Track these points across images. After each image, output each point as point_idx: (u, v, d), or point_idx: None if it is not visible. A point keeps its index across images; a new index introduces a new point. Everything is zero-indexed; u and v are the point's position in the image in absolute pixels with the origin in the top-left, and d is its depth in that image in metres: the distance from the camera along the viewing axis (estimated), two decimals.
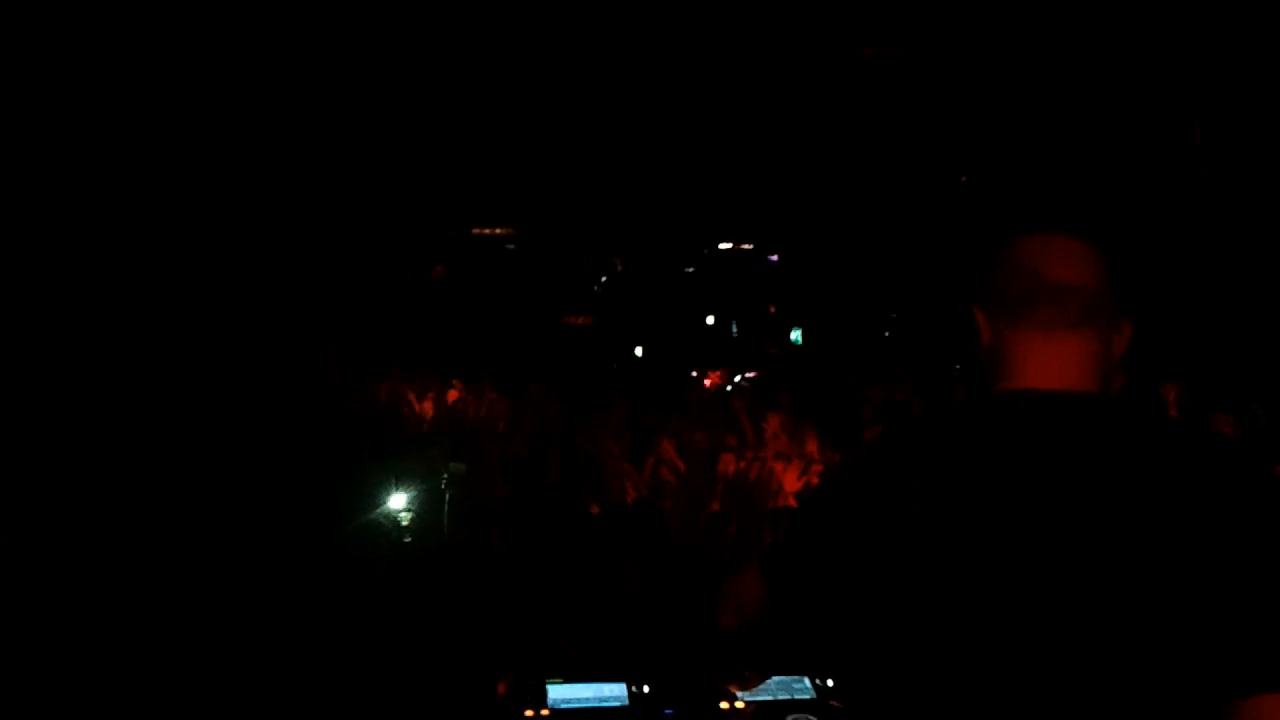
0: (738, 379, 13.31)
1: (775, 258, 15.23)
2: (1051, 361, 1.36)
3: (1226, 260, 5.71)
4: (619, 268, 16.18)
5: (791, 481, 5.74)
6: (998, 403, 1.39)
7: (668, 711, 2.66)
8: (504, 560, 3.79)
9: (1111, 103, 6.20)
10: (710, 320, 16.73)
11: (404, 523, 4.34)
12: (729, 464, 6.15)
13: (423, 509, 4.19)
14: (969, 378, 1.47)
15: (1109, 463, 1.28)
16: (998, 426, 1.35)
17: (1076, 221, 1.53)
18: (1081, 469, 1.28)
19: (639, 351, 16.12)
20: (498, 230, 14.95)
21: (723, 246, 15.42)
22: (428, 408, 9.18)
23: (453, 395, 9.89)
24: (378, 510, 4.29)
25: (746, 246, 15.28)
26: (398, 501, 4.39)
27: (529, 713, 2.57)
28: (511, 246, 15.53)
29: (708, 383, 12.96)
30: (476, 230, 14.43)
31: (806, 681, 2.79)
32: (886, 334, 12.42)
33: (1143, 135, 6.18)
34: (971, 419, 1.39)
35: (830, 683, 2.77)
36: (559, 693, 2.66)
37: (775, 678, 2.74)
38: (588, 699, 2.67)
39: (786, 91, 8.22)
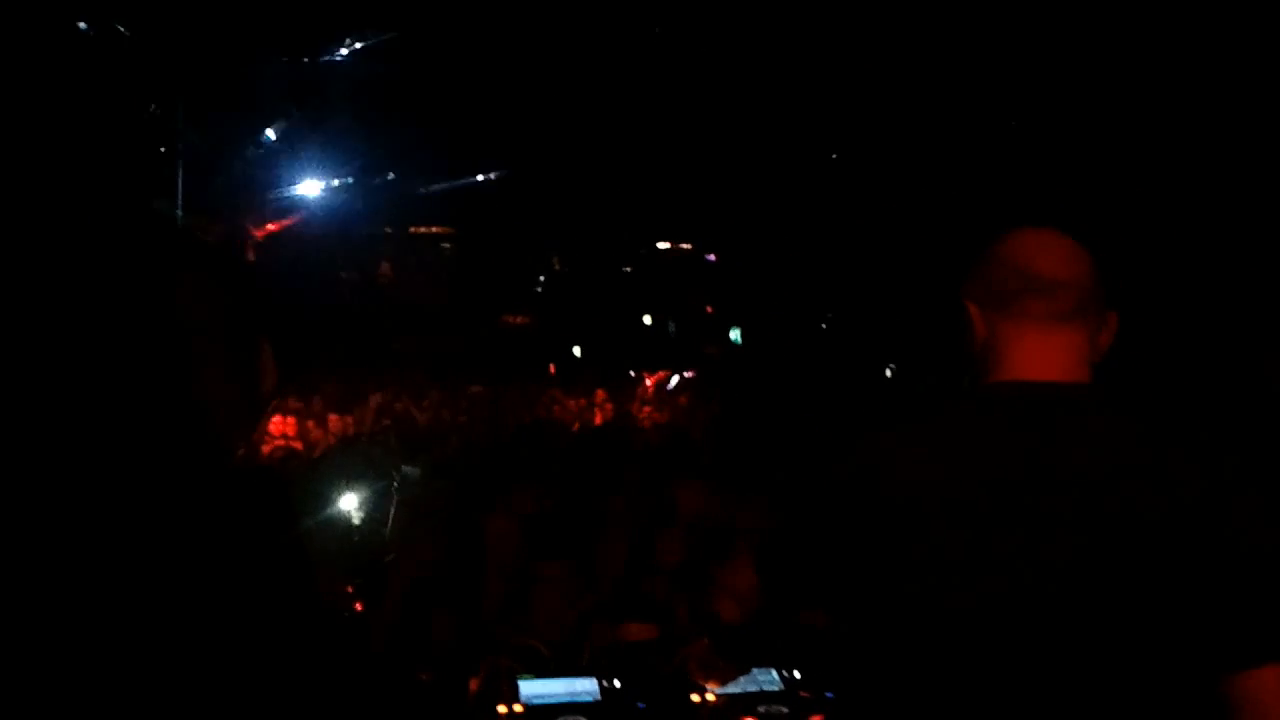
0: (676, 379, 13.41)
1: (714, 257, 15.32)
2: (1044, 353, 1.41)
3: (1205, 254, 5.78)
4: (557, 267, 16.15)
5: None
6: (993, 394, 1.43)
7: (639, 705, 2.67)
8: (462, 560, 3.78)
9: (1092, 102, 6.26)
10: (648, 320, 16.77)
11: (357, 524, 4.30)
12: None
13: (379, 513, 4.15)
14: (958, 370, 1.51)
15: (1102, 449, 1.33)
16: (993, 417, 1.40)
17: (1042, 216, 1.57)
18: (1076, 456, 1.33)
19: (577, 351, 16.10)
20: (435, 229, 14.83)
21: (661, 246, 15.48)
22: (370, 409, 9.08)
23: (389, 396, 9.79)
24: (330, 513, 4.24)
25: (685, 246, 15.35)
26: (349, 504, 4.34)
27: (502, 709, 2.57)
28: (448, 245, 15.42)
29: (649, 383, 13.03)
30: (414, 229, 14.29)
31: (774, 673, 2.81)
32: (824, 327, 12.55)
33: (1125, 132, 6.24)
34: (967, 409, 1.44)
35: (798, 674, 2.80)
36: (531, 688, 2.66)
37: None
38: (560, 694, 2.67)
39: (724, 90, 8.24)
